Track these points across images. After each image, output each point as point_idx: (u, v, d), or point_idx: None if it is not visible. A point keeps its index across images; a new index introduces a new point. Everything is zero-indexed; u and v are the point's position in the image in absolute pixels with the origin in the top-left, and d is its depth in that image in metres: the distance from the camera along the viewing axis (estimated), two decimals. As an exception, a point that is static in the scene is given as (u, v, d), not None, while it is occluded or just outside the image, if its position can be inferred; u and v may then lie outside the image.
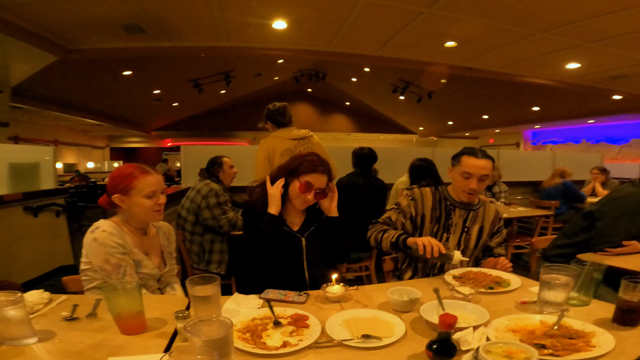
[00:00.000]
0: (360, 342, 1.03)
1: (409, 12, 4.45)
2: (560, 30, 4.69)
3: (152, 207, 1.47)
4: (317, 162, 1.63)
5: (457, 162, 1.76)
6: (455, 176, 1.78)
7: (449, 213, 1.80)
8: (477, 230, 1.81)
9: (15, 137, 10.34)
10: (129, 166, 1.50)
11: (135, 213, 1.48)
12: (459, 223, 1.80)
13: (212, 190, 2.83)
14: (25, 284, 3.65)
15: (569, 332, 1.03)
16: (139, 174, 1.45)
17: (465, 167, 1.71)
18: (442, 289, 1.32)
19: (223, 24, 4.80)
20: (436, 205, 1.81)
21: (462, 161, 1.73)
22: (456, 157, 1.79)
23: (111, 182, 1.47)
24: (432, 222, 1.79)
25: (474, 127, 14.83)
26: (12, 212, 3.58)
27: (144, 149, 16.87)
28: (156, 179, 1.49)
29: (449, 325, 0.88)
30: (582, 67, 6.26)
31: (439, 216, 1.80)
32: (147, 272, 1.50)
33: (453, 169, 1.80)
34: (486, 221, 1.83)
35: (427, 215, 1.80)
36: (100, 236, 1.39)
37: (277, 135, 2.80)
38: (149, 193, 1.45)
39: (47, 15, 4.09)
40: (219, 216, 2.80)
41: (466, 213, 1.81)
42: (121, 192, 1.45)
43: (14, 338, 0.99)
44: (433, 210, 1.80)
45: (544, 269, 1.22)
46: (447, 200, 1.82)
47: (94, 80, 7.50)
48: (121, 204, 1.46)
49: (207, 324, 0.86)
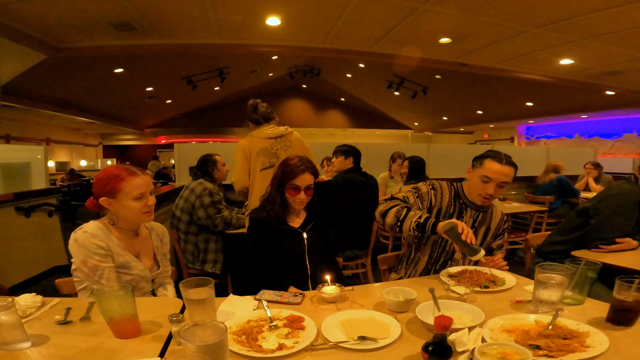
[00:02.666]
0: (356, 344, 1.02)
1: (403, 8, 4.44)
2: (555, 26, 4.71)
3: (141, 209, 1.43)
4: (296, 165, 1.72)
5: (479, 165, 1.68)
6: (473, 178, 1.70)
7: (462, 211, 1.76)
8: (483, 231, 1.79)
9: (7, 136, 10.22)
10: (115, 167, 1.44)
11: (124, 215, 1.44)
12: (468, 223, 1.75)
13: (206, 190, 2.82)
14: (19, 285, 3.61)
15: (564, 332, 1.03)
16: (125, 176, 1.41)
17: (486, 171, 1.64)
18: (438, 288, 1.32)
19: (215, 21, 4.75)
20: (452, 201, 1.77)
21: (485, 164, 1.65)
22: (478, 159, 1.70)
23: (97, 185, 1.42)
24: (446, 218, 1.74)
25: (469, 122, 14.88)
26: (4, 213, 3.54)
27: (137, 147, 16.73)
28: (143, 180, 1.44)
29: (444, 328, 0.88)
30: (576, 63, 6.30)
31: (452, 212, 1.76)
32: (138, 273, 1.47)
33: (473, 170, 1.71)
34: (492, 223, 1.81)
35: (443, 209, 1.75)
36: (81, 237, 1.37)
37: (252, 134, 2.69)
38: (137, 195, 1.41)
39: (34, 14, 4.02)
40: (214, 215, 2.79)
41: (477, 214, 1.77)
42: (108, 195, 1.41)
43: (7, 343, 0.97)
44: (448, 206, 1.76)
45: (539, 268, 1.23)
46: (461, 198, 1.78)
47: (86, 78, 7.40)
48: (109, 207, 1.42)
49: (201, 329, 0.85)
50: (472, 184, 1.72)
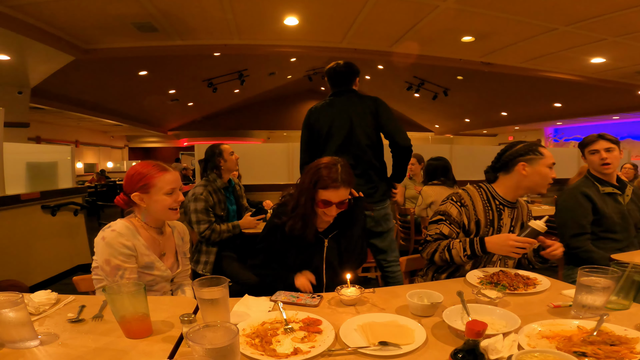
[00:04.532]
0: (377, 350, 0.95)
1: (424, 6, 4.33)
2: (585, 23, 4.51)
3: (171, 204, 1.46)
4: (330, 177, 1.47)
5: (539, 154, 1.62)
6: (540, 169, 1.61)
7: (500, 213, 1.69)
8: (519, 228, 1.74)
9: (37, 138, 10.62)
10: (146, 164, 1.48)
11: (154, 211, 1.46)
12: (507, 223, 1.71)
13: (194, 195, 2.61)
14: (43, 283, 3.70)
15: (611, 339, 0.95)
16: (158, 172, 1.44)
17: (549, 158, 1.62)
18: (466, 292, 1.23)
19: (234, 21, 4.78)
20: (487, 206, 1.69)
21: (544, 152, 1.63)
22: (530, 152, 1.64)
23: (129, 181, 1.45)
24: (487, 226, 1.67)
25: (492, 124, 14.49)
26: (30, 211, 3.63)
27: (161, 149, 17.17)
28: (174, 176, 1.48)
29: (477, 334, 0.79)
30: (608, 62, 6.03)
31: (492, 218, 1.68)
32: (159, 274, 1.47)
33: (531, 165, 1.62)
34: (523, 216, 1.78)
35: (481, 219, 1.67)
36: (109, 236, 1.37)
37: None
38: (169, 190, 1.45)
39: (61, 15, 4.14)
40: (198, 228, 2.60)
41: (512, 212, 1.72)
42: (141, 191, 1.43)
43: (14, 341, 0.95)
44: (486, 213, 1.68)
45: (582, 272, 1.14)
46: (496, 199, 1.70)
47: (111, 81, 7.62)
48: (140, 203, 1.44)
49: (212, 330, 0.80)
50: (540, 177, 1.62)
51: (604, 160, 2.06)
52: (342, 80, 2.46)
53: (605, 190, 2.09)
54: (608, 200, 2.08)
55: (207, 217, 2.60)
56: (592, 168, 2.15)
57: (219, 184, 2.74)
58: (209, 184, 2.70)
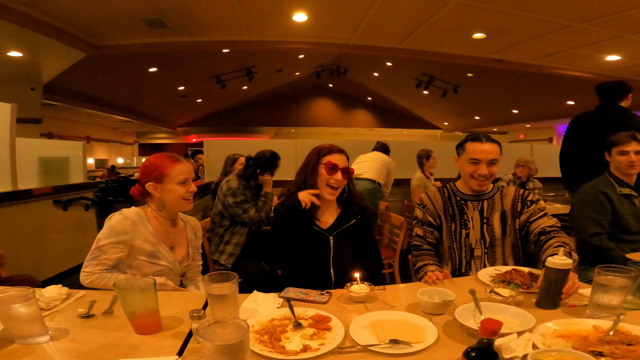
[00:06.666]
0: (388, 348, 0.94)
1: (434, 2, 4.29)
2: (600, 20, 4.42)
3: (184, 194, 1.49)
4: (332, 146, 1.68)
5: (463, 150, 1.69)
6: (462, 165, 1.70)
7: (462, 208, 1.71)
8: (499, 217, 1.68)
9: (49, 134, 10.77)
10: (160, 155, 1.52)
11: (167, 201, 1.50)
12: (475, 216, 1.69)
13: (230, 189, 2.75)
14: (55, 277, 3.74)
15: (627, 338, 0.92)
16: (171, 162, 1.49)
17: (471, 153, 1.64)
18: (477, 290, 1.21)
19: (243, 17, 4.77)
20: (447, 203, 1.73)
21: (467, 148, 1.67)
22: (460, 145, 1.72)
23: (144, 171, 1.50)
24: (448, 222, 1.72)
25: (503, 122, 14.30)
26: (42, 205, 3.68)
27: (170, 145, 17.29)
28: (187, 166, 1.52)
29: (492, 332, 0.78)
30: (623, 59, 5.91)
31: (452, 214, 1.72)
32: (166, 265, 1.48)
33: (459, 159, 1.72)
34: (505, 204, 1.69)
35: (442, 215, 1.73)
36: (115, 219, 1.42)
37: None
38: (182, 180, 1.48)
39: (72, 11, 4.18)
40: (242, 215, 2.73)
41: (480, 204, 1.70)
42: (155, 180, 1.47)
43: (25, 336, 0.95)
44: (445, 209, 1.73)
45: (599, 270, 1.11)
46: (457, 195, 1.73)
47: (121, 78, 7.69)
48: (154, 192, 1.48)
49: (222, 327, 0.80)
50: (463, 172, 1.71)
51: (633, 163, 2.00)
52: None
53: (623, 192, 2.03)
54: (624, 202, 2.02)
55: (248, 203, 2.75)
56: (615, 167, 2.08)
57: (252, 184, 2.85)
58: (243, 179, 2.81)
